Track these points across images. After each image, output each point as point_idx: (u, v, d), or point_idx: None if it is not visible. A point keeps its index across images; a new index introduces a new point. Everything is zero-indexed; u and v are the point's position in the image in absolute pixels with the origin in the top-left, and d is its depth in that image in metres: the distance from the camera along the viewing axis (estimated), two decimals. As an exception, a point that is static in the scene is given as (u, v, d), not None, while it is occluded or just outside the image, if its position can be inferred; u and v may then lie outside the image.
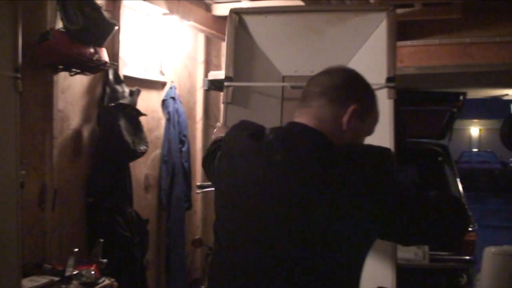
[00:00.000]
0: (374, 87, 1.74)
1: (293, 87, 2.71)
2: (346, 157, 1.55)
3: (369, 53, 2.62)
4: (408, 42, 6.39)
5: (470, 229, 6.41)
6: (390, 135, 2.58)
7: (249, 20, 2.82)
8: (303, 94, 1.72)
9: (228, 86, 2.76)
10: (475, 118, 28.94)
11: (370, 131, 1.74)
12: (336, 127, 1.64)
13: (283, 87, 2.78)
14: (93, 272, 3.52)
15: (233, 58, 2.80)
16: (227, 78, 2.81)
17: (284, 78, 2.81)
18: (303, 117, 1.67)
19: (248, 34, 2.83)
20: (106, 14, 3.90)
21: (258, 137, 1.70)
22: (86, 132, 4.22)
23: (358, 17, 2.67)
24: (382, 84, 2.49)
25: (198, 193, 5.78)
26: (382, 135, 2.59)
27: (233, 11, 2.81)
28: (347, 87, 1.67)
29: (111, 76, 4.32)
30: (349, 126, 1.65)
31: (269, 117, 2.78)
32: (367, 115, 1.70)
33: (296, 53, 2.77)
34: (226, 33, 2.90)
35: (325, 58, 2.51)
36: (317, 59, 2.60)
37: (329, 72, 1.71)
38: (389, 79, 2.49)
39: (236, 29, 2.79)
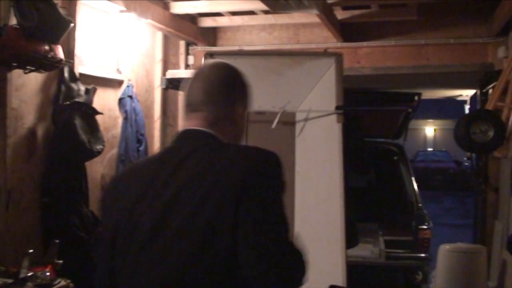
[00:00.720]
0: (326, 113, 2.17)
1: (257, 113, 3.12)
2: (230, 160, 1.64)
3: (322, 88, 3.10)
4: (365, 43, 6.47)
5: (425, 227, 6.54)
6: (339, 154, 3.02)
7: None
8: (189, 101, 1.79)
9: None
10: (430, 118, 29.47)
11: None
12: (225, 126, 1.75)
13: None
14: (48, 273, 3.46)
15: None
16: None
17: (248, 116, 3.03)
18: (194, 121, 1.75)
19: None
20: (61, 11, 3.84)
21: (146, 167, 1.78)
22: (40, 131, 4.15)
23: (313, 61, 3.19)
24: (333, 111, 3.03)
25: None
26: (332, 154, 3.12)
27: (208, 53, 3.45)
28: (231, 90, 1.79)
29: (66, 74, 4.26)
30: (239, 122, 1.80)
31: None
32: (246, 109, 1.85)
33: (260, 91, 3.02)
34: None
35: (285, 95, 3.06)
36: (278, 96, 3.10)
37: (208, 76, 1.79)
38: (337, 107, 3.03)
39: None
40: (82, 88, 4.38)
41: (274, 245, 1.54)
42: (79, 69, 4.53)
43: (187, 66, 6.76)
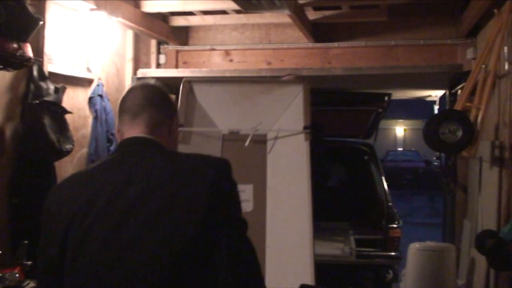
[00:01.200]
0: (295, 133, 2.67)
1: (231, 132, 3.48)
2: (191, 164, 1.73)
3: (291, 111, 3.46)
4: (336, 44, 6.52)
5: (395, 226, 6.60)
6: (307, 170, 3.34)
7: (197, 87, 3.62)
8: (127, 108, 1.85)
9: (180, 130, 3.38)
10: (400, 118, 29.79)
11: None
12: (164, 133, 1.81)
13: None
14: (17, 275, 3.41)
15: (184, 114, 3.53)
16: (180, 125, 3.36)
17: (223, 136, 3.50)
18: (136, 128, 1.79)
19: (195, 98, 3.61)
20: (30, 9, 3.80)
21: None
22: (9, 130, 4.08)
23: (283, 88, 3.57)
24: (301, 131, 3.42)
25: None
26: (300, 169, 3.41)
27: (186, 80, 3.61)
28: (167, 100, 1.88)
29: (35, 73, 4.20)
30: (175, 132, 1.88)
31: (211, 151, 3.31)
32: (177, 125, 1.95)
33: (235, 114, 3.50)
34: (180, 96, 3.61)
35: (258, 118, 3.39)
36: (251, 118, 3.42)
37: (145, 87, 1.88)
38: (305, 128, 3.42)
39: (187, 94, 3.54)
40: (52, 87, 4.32)
41: (248, 251, 1.68)
42: (48, 67, 4.47)
43: (158, 65, 6.73)
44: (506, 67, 4.44)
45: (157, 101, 1.82)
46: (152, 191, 1.62)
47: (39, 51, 4.32)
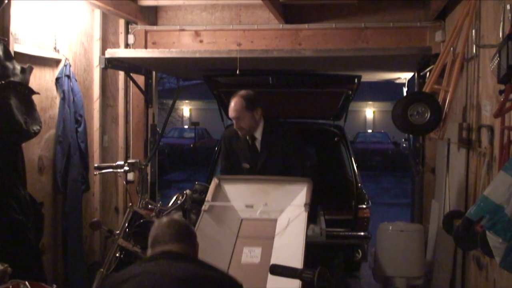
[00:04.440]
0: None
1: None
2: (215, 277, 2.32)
3: (298, 202, 4.25)
4: (306, 26, 6.51)
5: (364, 206, 6.67)
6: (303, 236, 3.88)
7: (224, 183, 4.47)
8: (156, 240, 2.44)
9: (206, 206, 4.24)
10: (369, 100, 30.03)
11: None
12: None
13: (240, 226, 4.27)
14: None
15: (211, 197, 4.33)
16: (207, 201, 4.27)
17: (242, 220, 4.28)
18: (172, 247, 2.40)
19: (223, 191, 4.43)
20: (-6, -13, 3.70)
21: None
22: (-27, 111, 4.00)
23: (291, 184, 4.39)
24: (302, 209, 4.11)
25: (96, 174, 5.64)
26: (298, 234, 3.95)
27: (217, 178, 4.50)
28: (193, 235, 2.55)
29: (1, 53, 4.09)
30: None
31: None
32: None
33: (251, 199, 4.35)
34: (210, 189, 4.40)
35: (270, 208, 4.25)
36: (265, 208, 4.25)
37: (173, 226, 2.48)
38: (305, 205, 4.13)
39: (216, 187, 4.38)
40: (18, 67, 4.23)
41: None
42: (14, 47, 4.37)
43: (127, 46, 6.64)
44: (474, 50, 4.49)
45: (183, 236, 2.44)
46: None
47: (4, 30, 4.23)
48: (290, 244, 3.87)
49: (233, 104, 4.48)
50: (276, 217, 4.22)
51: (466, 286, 4.61)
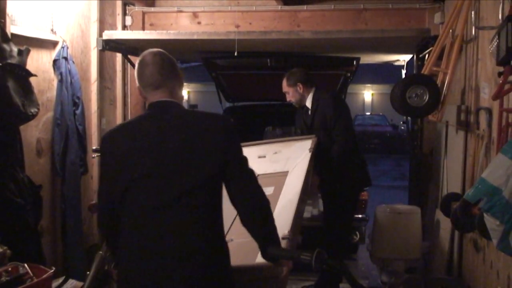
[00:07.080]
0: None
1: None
2: (207, 117, 2.53)
3: (304, 159, 4.48)
4: (304, 7, 6.47)
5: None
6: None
7: None
8: (148, 82, 2.51)
9: None
10: (368, 83, 29.95)
11: None
12: (179, 95, 2.59)
13: None
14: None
15: None
16: None
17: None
18: (159, 95, 2.51)
19: None
20: (-10, -32, 3.66)
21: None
22: (-29, 94, 3.98)
23: (298, 142, 4.93)
24: (307, 151, 4.52)
25: (94, 157, 5.64)
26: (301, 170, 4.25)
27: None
28: (176, 69, 2.58)
29: (-3, 34, 4.08)
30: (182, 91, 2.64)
31: None
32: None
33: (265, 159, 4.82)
34: None
35: (282, 164, 4.62)
36: (277, 164, 4.66)
37: (157, 63, 2.52)
38: (309, 149, 4.59)
39: None
40: (15, 49, 4.20)
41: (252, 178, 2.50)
42: (11, 29, 4.33)
43: (124, 27, 6.60)
44: (473, 32, 4.47)
45: (172, 75, 2.53)
46: (185, 133, 2.41)
47: (1, 12, 4.19)
48: (295, 180, 4.15)
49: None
50: (288, 169, 4.53)
51: (463, 268, 4.64)
